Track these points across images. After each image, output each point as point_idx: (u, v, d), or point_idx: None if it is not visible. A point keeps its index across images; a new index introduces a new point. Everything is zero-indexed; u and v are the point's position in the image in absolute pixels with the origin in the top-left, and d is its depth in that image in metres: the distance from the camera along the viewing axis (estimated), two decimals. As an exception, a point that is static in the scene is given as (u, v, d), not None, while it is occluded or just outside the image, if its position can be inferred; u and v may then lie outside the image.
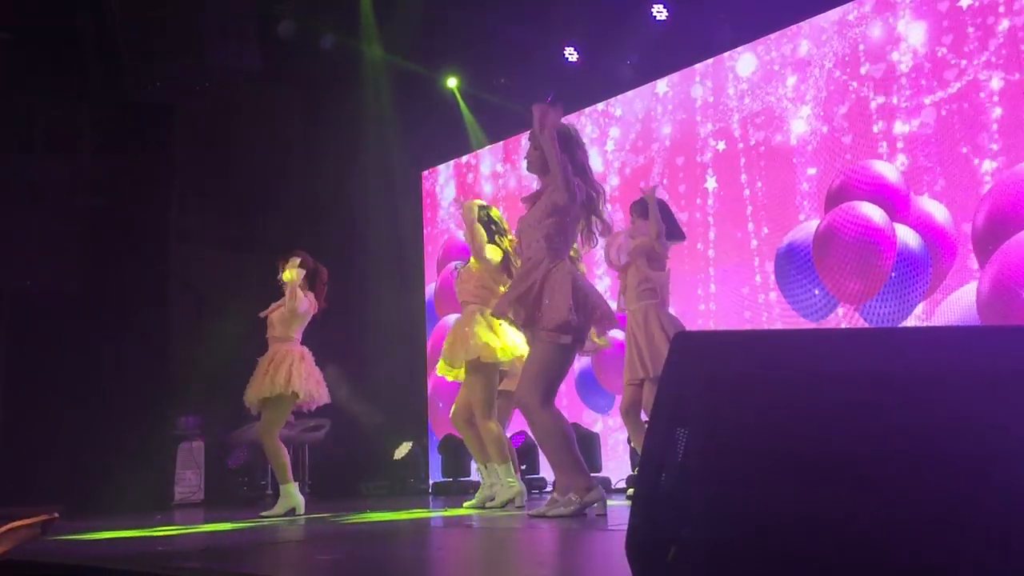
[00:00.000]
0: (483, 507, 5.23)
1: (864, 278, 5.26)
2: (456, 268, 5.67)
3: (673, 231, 5.34)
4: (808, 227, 6.17)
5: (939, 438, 1.35)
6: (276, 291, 5.74)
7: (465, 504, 5.45)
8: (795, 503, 1.31)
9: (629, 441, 7.04)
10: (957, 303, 5.24)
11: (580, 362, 7.52)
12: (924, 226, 5.54)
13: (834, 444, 1.33)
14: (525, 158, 4.23)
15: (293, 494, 5.43)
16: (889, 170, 5.84)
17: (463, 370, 5.26)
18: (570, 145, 4.07)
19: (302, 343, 5.63)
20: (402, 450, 8.81)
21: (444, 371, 5.46)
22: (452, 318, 5.31)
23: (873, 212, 5.29)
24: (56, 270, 8.26)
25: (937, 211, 5.72)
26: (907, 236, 5.33)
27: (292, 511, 5.38)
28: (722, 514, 1.30)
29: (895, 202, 5.46)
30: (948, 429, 1.36)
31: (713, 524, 1.30)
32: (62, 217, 8.42)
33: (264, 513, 5.39)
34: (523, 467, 7.13)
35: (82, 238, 8.55)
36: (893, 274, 5.27)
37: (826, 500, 1.31)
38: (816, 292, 6.03)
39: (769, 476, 1.32)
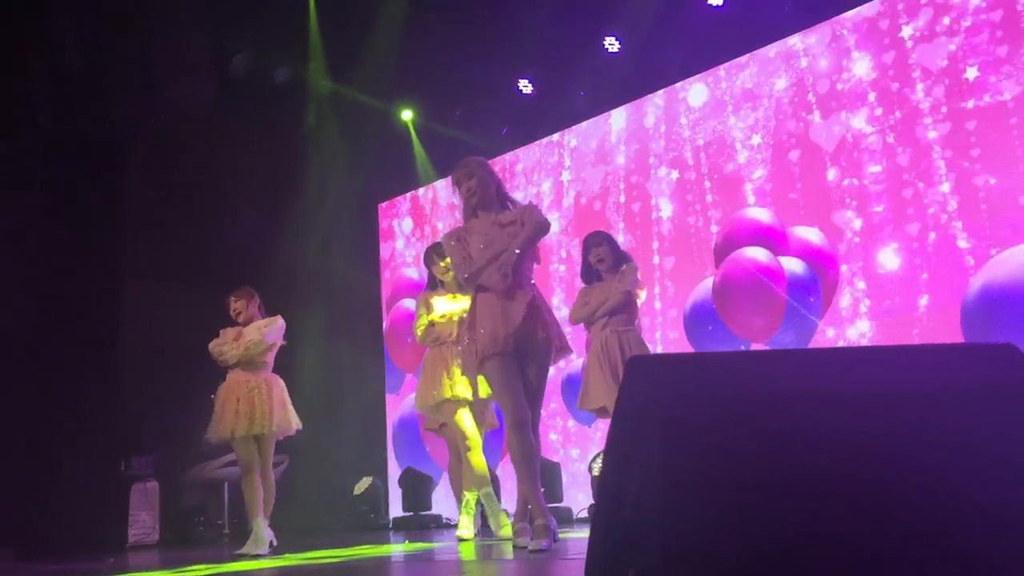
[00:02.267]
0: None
1: (766, 313, 5.54)
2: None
3: (621, 257, 5.32)
4: (705, 285, 6.35)
5: (892, 454, 1.37)
6: (229, 324, 5.69)
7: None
8: (752, 523, 1.32)
9: (590, 470, 7.03)
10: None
11: (568, 370, 7.52)
12: (805, 252, 5.86)
13: (789, 463, 1.35)
14: (471, 195, 4.17)
15: (263, 532, 5.37)
16: (761, 213, 6.14)
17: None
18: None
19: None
20: (361, 485, 8.72)
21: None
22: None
23: (758, 253, 5.62)
24: (6, 308, 8.09)
25: (812, 236, 6.04)
26: (793, 265, 5.67)
27: (269, 545, 5.35)
28: (680, 536, 1.31)
29: (774, 239, 5.85)
30: (900, 445, 1.38)
31: (671, 547, 1.31)
32: (12, 255, 8.26)
33: (240, 551, 5.29)
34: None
35: (33, 276, 8.40)
36: (789, 302, 5.56)
37: (783, 520, 1.32)
38: (736, 342, 6.17)
39: (726, 497, 1.33)
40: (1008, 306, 4.98)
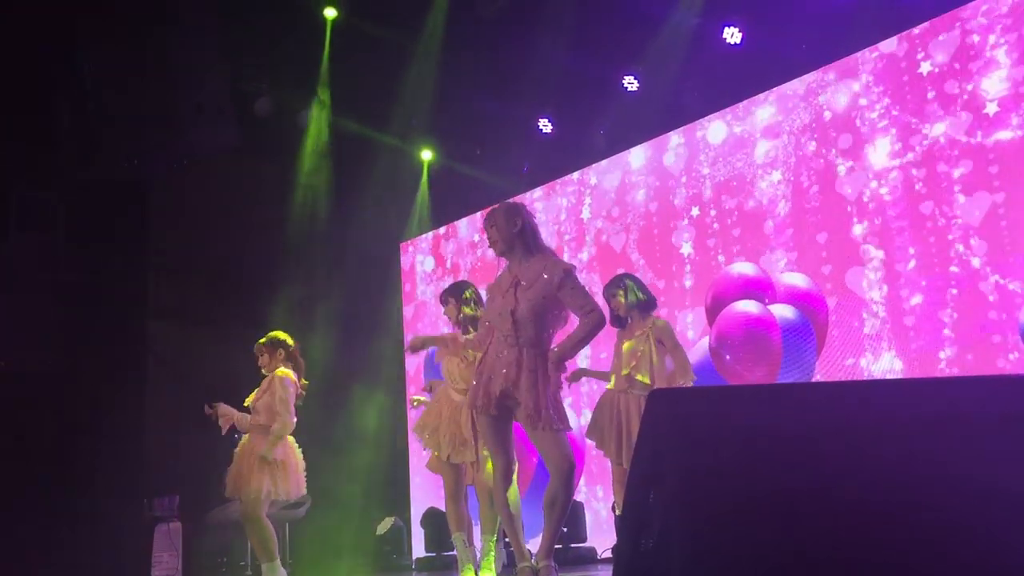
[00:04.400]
0: None
1: (764, 362, 5.55)
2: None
3: (642, 302, 5.32)
4: (701, 345, 6.36)
5: (906, 482, 1.36)
6: (254, 368, 5.69)
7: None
8: (772, 553, 1.31)
9: (614, 509, 6.98)
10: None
11: None
12: (793, 297, 5.88)
13: (807, 493, 1.34)
14: (492, 245, 4.04)
15: (278, 570, 5.32)
16: (747, 267, 6.14)
17: None
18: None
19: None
20: (384, 525, 8.68)
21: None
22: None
23: (749, 306, 5.64)
24: (31, 350, 8.18)
25: (798, 280, 6.05)
26: (784, 311, 5.69)
27: None
28: (701, 565, 1.30)
29: (761, 289, 5.86)
30: (915, 474, 1.37)
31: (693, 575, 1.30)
32: (37, 296, 8.36)
33: None
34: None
35: (57, 317, 8.49)
36: (785, 348, 5.58)
37: (803, 548, 1.31)
38: None
39: (746, 527, 1.32)
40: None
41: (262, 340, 5.60)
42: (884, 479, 1.36)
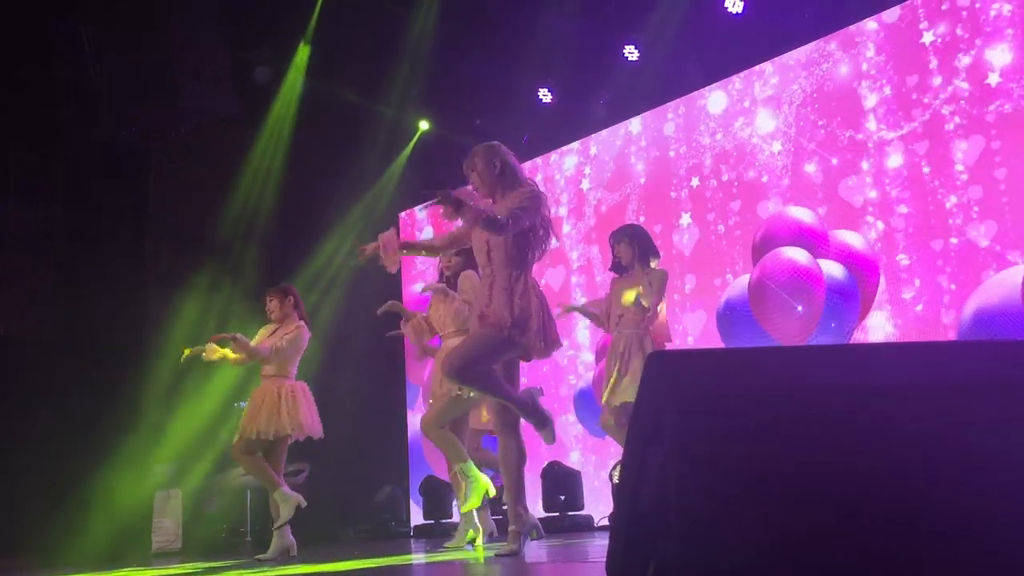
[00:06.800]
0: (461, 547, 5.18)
1: (801, 316, 5.43)
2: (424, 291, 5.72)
3: (646, 252, 5.32)
4: (741, 282, 6.25)
5: (913, 448, 1.37)
6: (254, 333, 5.71)
7: (446, 544, 5.39)
8: (771, 517, 1.32)
9: (611, 478, 7.02)
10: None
11: (583, 380, 7.47)
12: (846, 256, 5.77)
13: (808, 458, 1.35)
14: (475, 190, 3.85)
15: (288, 497, 5.32)
16: (805, 214, 6.04)
17: None
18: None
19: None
20: (382, 494, 8.73)
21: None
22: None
23: (798, 254, 5.50)
24: (31, 316, 8.19)
25: (855, 240, 5.93)
26: (833, 269, 5.56)
27: (286, 552, 5.32)
28: (699, 529, 1.31)
29: (815, 241, 5.73)
30: (922, 439, 1.38)
31: (690, 539, 1.31)
32: (37, 263, 8.36)
33: (259, 556, 5.32)
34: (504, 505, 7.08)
35: (57, 284, 8.50)
36: (826, 306, 5.47)
37: (801, 513, 1.32)
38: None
39: (744, 491, 1.33)
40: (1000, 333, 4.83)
41: (273, 289, 5.69)
42: (891, 442, 1.37)
